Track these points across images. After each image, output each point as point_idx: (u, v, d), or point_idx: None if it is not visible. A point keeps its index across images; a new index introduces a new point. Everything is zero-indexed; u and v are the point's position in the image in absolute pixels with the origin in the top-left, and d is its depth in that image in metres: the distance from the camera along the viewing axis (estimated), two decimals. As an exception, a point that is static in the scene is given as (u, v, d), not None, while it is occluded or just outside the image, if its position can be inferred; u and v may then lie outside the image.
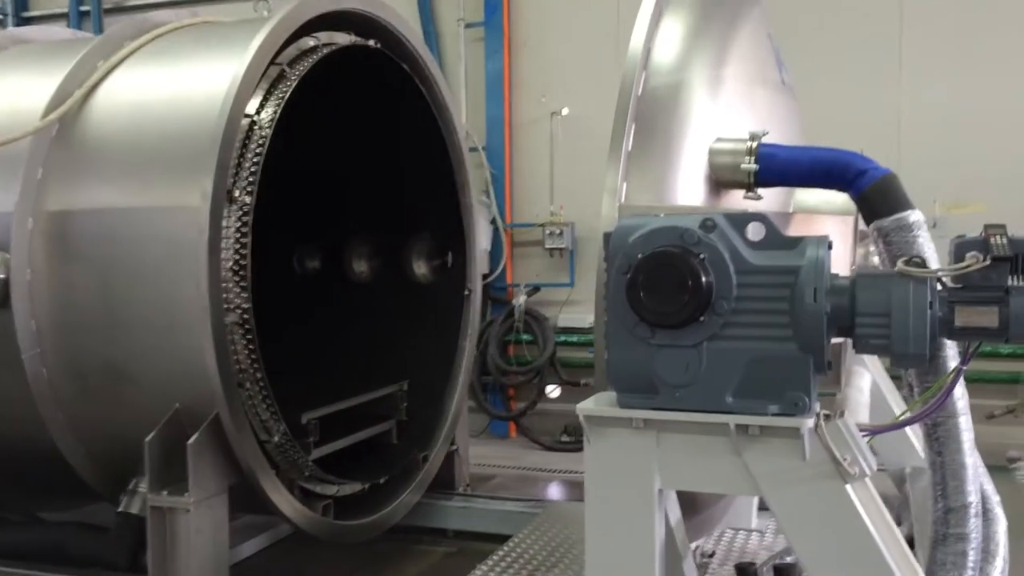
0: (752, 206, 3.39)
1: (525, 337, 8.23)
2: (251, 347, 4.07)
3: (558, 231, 8.22)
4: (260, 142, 4.11)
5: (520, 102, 8.53)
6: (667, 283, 2.61)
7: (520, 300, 8.20)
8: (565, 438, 8.23)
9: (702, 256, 2.62)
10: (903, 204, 3.04)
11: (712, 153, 3.39)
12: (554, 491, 7.02)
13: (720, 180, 3.40)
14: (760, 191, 3.43)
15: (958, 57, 7.37)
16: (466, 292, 5.99)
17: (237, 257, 3.99)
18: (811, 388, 2.62)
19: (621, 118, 3.30)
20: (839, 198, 3.79)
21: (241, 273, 4.00)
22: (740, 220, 2.70)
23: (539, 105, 8.45)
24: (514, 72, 8.53)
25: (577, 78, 8.34)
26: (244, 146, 4.10)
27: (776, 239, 2.68)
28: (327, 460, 4.81)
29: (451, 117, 5.72)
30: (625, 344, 2.75)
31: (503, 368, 8.31)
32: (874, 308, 2.57)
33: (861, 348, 2.61)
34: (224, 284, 3.95)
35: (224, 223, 3.94)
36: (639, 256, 2.69)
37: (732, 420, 2.67)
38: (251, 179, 4.05)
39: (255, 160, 4.08)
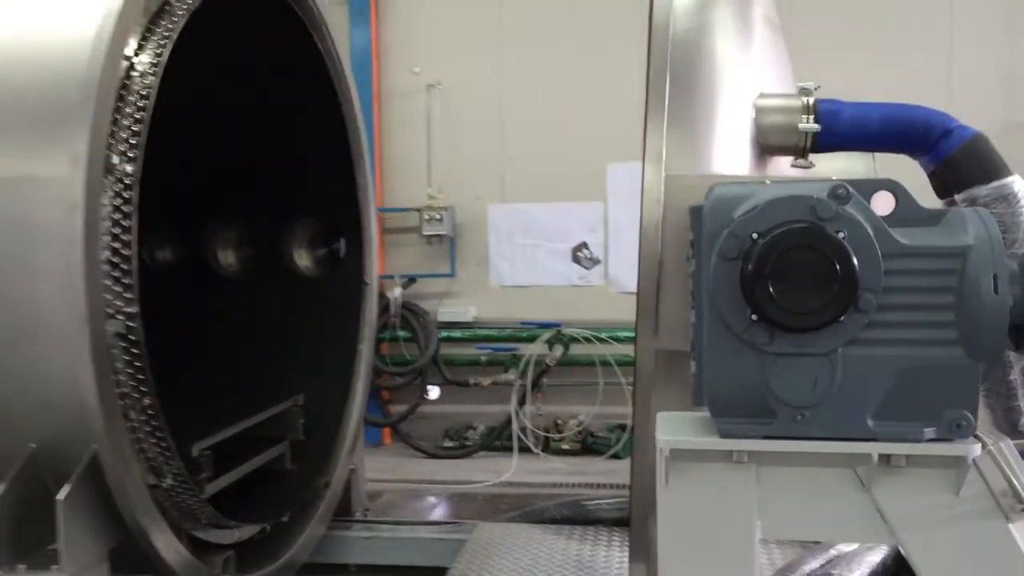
0: (801, 176, 2.82)
1: (402, 334, 7.40)
2: (137, 364, 3.08)
3: (437, 216, 7.44)
4: (143, 93, 3.11)
5: (390, 72, 7.67)
6: (806, 271, 1.96)
7: (395, 293, 7.36)
8: (448, 443, 7.50)
9: (841, 235, 1.99)
10: (1002, 169, 2.55)
11: (760, 111, 2.77)
12: (455, 507, 6.27)
13: (766, 144, 2.79)
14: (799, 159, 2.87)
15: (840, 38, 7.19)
16: (363, 286, 5.13)
17: (118, 246, 3.00)
18: (977, 404, 2.05)
19: (659, 66, 2.61)
20: (860, 167, 3.31)
21: (124, 267, 3.01)
22: (866, 188, 2.08)
23: (412, 76, 7.62)
24: (382, 39, 7.65)
25: (455, 47, 7.59)
26: (121, 98, 3.09)
27: (914, 212, 2.09)
28: (216, 498, 3.86)
29: (346, 77, 4.84)
30: (730, 353, 2.07)
31: (378, 368, 7.44)
32: (1064, 303, 2.02)
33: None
34: (103, 282, 2.94)
35: (101, 200, 2.93)
36: (754, 236, 2.02)
37: (876, 449, 2.06)
38: (133, 142, 3.05)
39: (137, 117, 3.08)
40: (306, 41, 4.49)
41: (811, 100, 2.73)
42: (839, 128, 2.70)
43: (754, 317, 2.04)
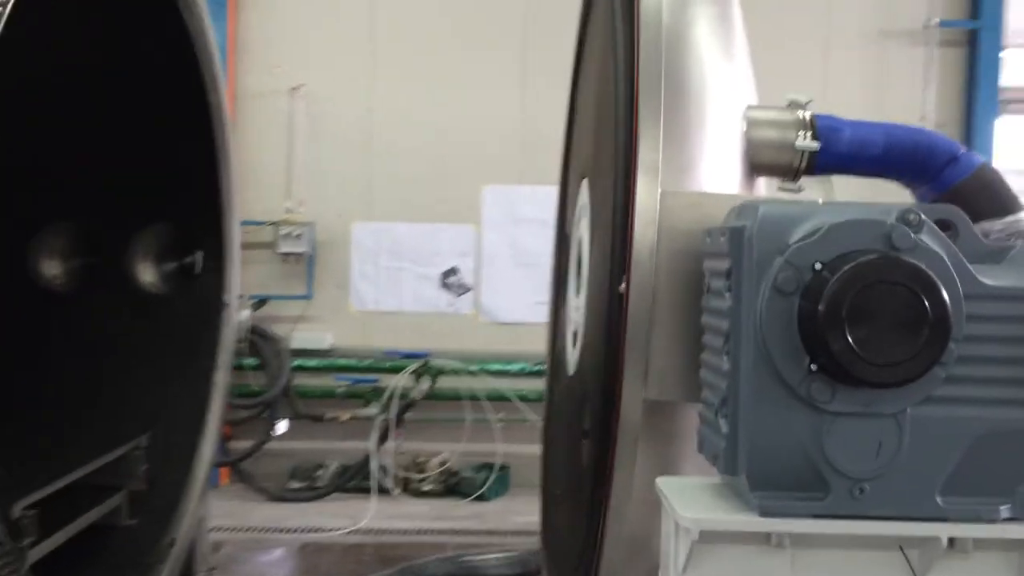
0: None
1: (249, 361, 6.62)
2: (-52, 403, 2.34)
3: (295, 232, 6.75)
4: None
5: (247, 71, 6.94)
6: (891, 313, 1.57)
7: (244, 315, 6.57)
8: (295, 484, 6.76)
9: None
10: (1015, 202, 2.31)
11: (752, 124, 2.41)
12: (308, 560, 5.59)
13: (756, 161, 2.43)
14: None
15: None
16: (221, 306, 4.43)
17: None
18: (1056, 476, 1.74)
19: (651, 61, 2.20)
20: (816, 191, 3.02)
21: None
22: (932, 214, 1.74)
23: (272, 77, 6.92)
24: (240, 32, 6.92)
25: (322, 48, 6.96)
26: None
27: (975, 247, 1.77)
28: (39, 566, 3.09)
29: (215, 63, 4.17)
30: (779, 411, 1.67)
31: (220, 400, 6.62)
32: None
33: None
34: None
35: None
36: (817, 266, 1.63)
37: (945, 531, 1.70)
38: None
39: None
40: (172, 17, 3.81)
41: (808, 115, 2.40)
42: (839, 148, 2.38)
43: (813, 367, 1.64)
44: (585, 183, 3.20)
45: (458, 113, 6.91)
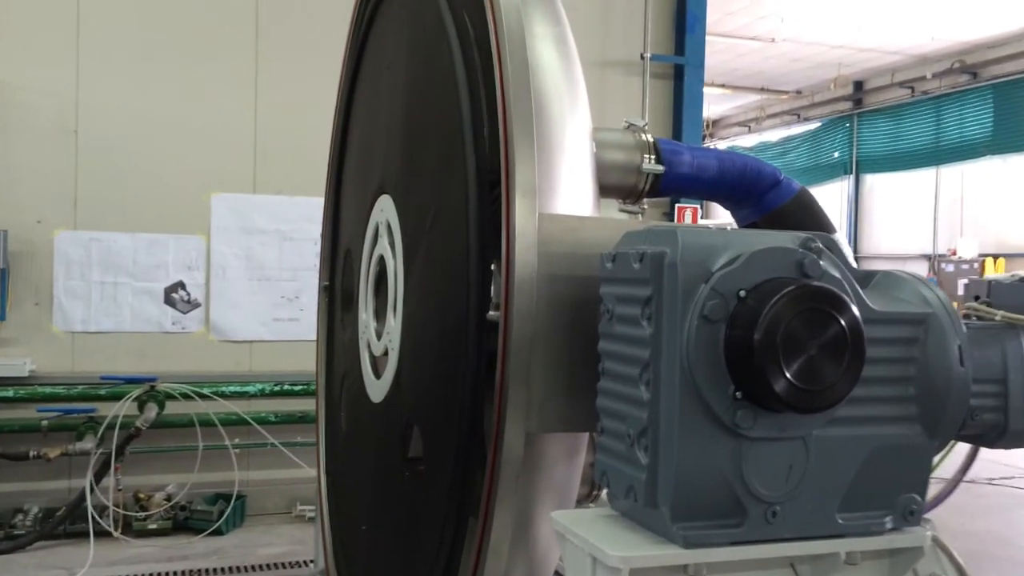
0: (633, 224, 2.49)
1: (-76, 394, 5.60)
2: None
3: (-17, 242, 5.82)
4: None
5: (-82, 52, 5.87)
6: (817, 339, 1.60)
7: (-83, 341, 5.56)
8: (-18, 536, 5.83)
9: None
10: (829, 224, 2.51)
11: (601, 146, 2.39)
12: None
13: (603, 183, 2.42)
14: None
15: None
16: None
17: None
18: (927, 487, 1.87)
19: (521, 83, 2.11)
20: (627, 215, 3.10)
21: None
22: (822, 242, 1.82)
23: (-47, 64, 5.93)
24: (-90, 8, 5.84)
25: (12, 26, 6.06)
26: None
27: (851, 271, 1.87)
28: None
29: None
30: (704, 439, 1.65)
31: None
32: (988, 372, 1.94)
33: (967, 425, 1.94)
34: None
35: None
36: (741, 293, 1.63)
37: (843, 547, 1.77)
38: None
39: None
40: None
41: (651, 138, 2.44)
42: (681, 170, 2.44)
43: (738, 395, 1.64)
44: (387, 200, 3.03)
45: (183, 114, 6.35)
